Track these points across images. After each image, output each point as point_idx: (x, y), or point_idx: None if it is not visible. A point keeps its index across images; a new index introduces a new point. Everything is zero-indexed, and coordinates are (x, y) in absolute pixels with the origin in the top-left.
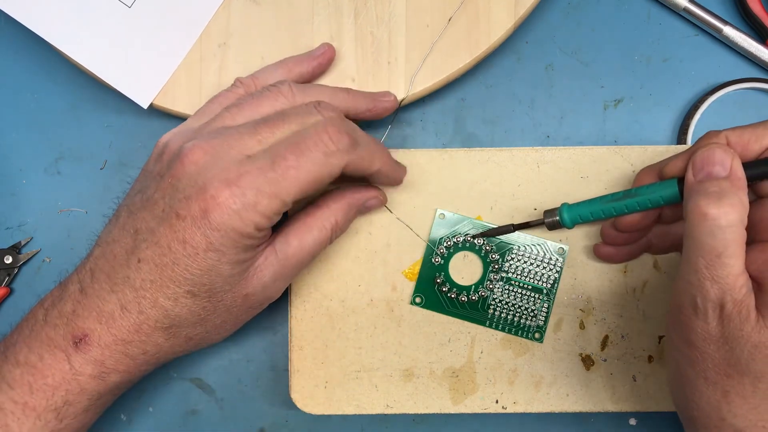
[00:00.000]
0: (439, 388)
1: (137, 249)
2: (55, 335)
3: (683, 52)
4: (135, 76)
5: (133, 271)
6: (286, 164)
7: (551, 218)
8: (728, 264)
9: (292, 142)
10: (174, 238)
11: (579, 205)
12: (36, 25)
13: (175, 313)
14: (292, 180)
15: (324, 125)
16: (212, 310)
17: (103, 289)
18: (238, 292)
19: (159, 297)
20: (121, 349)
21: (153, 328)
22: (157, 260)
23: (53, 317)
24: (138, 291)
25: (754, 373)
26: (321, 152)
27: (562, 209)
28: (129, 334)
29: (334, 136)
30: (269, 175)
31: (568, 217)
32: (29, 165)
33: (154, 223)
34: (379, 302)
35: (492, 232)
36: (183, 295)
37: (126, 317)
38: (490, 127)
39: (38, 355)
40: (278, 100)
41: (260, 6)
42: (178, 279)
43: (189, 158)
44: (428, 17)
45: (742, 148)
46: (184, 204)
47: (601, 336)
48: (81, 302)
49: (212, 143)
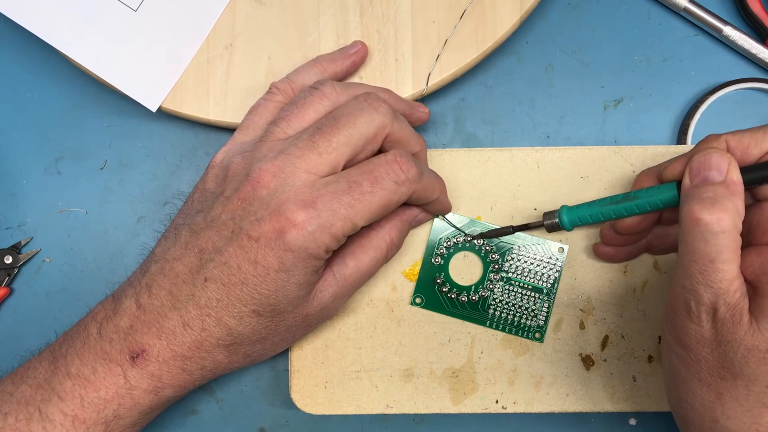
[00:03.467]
0: (439, 388)
1: (204, 268)
2: (111, 349)
3: (683, 52)
4: (142, 79)
5: (199, 290)
6: (361, 190)
7: (550, 220)
8: (721, 269)
9: (366, 170)
10: (245, 259)
11: (578, 208)
12: (43, 30)
13: (239, 331)
14: (366, 205)
15: (394, 156)
16: (273, 329)
17: (163, 306)
18: (300, 313)
19: (224, 315)
20: (180, 364)
21: (214, 345)
22: (225, 280)
23: (109, 331)
24: (203, 309)
25: (748, 376)
26: (393, 181)
27: (561, 211)
28: (189, 350)
29: (404, 166)
30: (344, 199)
31: (567, 220)
32: (29, 165)
33: (221, 243)
34: (379, 302)
35: (491, 233)
36: (248, 314)
37: (188, 334)
38: (490, 127)
39: (92, 368)
40: (323, 103)
41: (265, 6)
42: (245, 298)
43: (259, 182)
44: (434, 13)
45: (741, 152)
46: (256, 226)
47: (601, 336)
48: (139, 318)
49: (277, 164)
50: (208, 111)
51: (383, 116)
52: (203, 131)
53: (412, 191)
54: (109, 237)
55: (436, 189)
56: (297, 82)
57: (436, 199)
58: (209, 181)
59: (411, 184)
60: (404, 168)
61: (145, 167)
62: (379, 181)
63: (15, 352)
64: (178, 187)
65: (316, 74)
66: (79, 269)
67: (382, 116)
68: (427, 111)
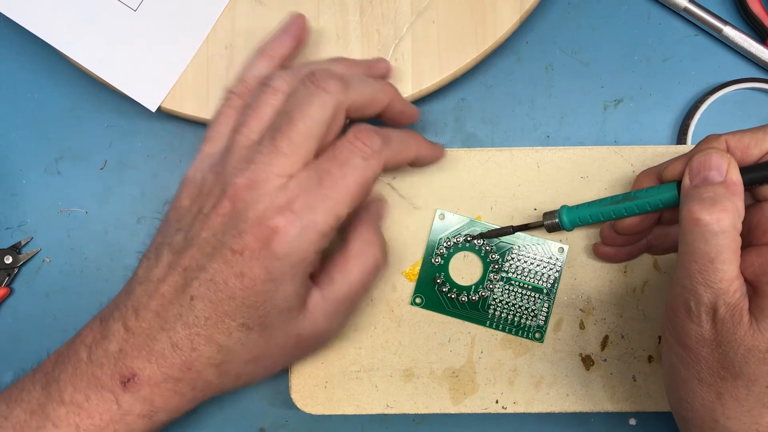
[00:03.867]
0: (439, 388)
1: (189, 287)
2: (102, 375)
3: (683, 52)
4: (142, 79)
5: (186, 309)
6: (332, 178)
7: (550, 220)
8: (721, 269)
9: (332, 156)
10: (231, 273)
11: (578, 208)
12: (43, 30)
13: (228, 347)
14: (342, 190)
15: (354, 133)
16: (265, 348)
17: (151, 328)
18: (291, 332)
19: (213, 333)
20: (171, 387)
21: (205, 365)
22: (212, 296)
23: (98, 356)
24: (191, 328)
25: (748, 376)
26: (359, 158)
27: (561, 211)
28: (180, 371)
29: (367, 140)
30: (319, 192)
31: (567, 220)
32: (29, 165)
33: (204, 261)
34: (379, 302)
35: (491, 233)
36: (237, 328)
37: (177, 355)
38: (490, 127)
39: (84, 395)
40: (277, 97)
41: (265, 6)
42: (233, 313)
43: (236, 195)
44: (434, 13)
45: (741, 152)
46: (238, 239)
47: (601, 336)
48: (128, 341)
49: (248, 176)
50: (208, 111)
51: (335, 94)
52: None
53: (384, 160)
54: (109, 237)
55: (412, 148)
56: (250, 81)
57: (416, 157)
58: (184, 198)
59: (380, 155)
60: (367, 142)
61: (145, 167)
62: (347, 163)
63: (15, 352)
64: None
65: (265, 66)
66: (79, 269)
67: (334, 95)
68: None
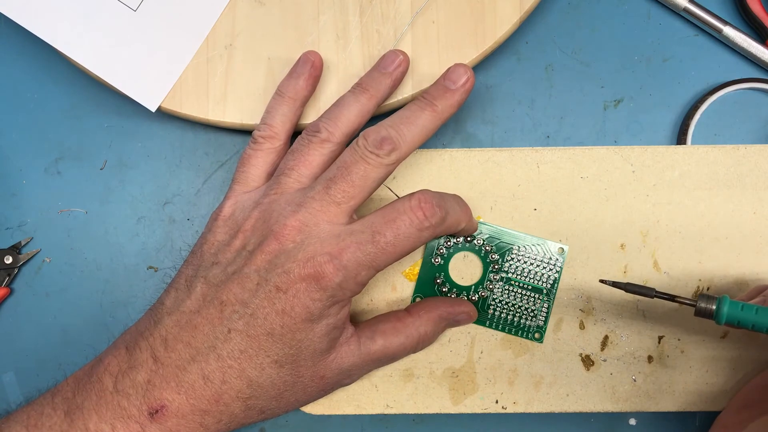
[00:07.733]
0: (439, 388)
1: (227, 320)
2: (129, 405)
3: (683, 52)
4: (142, 79)
5: (221, 341)
6: (384, 240)
7: (706, 305)
8: None
9: (390, 219)
10: (272, 310)
11: (743, 310)
12: (43, 30)
13: (259, 383)
14: (390, 254)
15: (419, 201)
16: (291, 385)
17: (182, 359)
18: (317, 372)
19: (246, 367)
20: (198, 419)
21: (233, 398)
22: (251, 331)
23: (125, 386)
24: (224, 360)
25: None
26: (416, 228)
27: (722, 303)
28: (209, 403)
29: (428, 212)
30: (368, 249)
31: (726, 316)
32: (29, 165)
33: (246, 296)
34: (378, 302)
35: (630, 289)
36: (269, 364)
37: (208, 387)
38: (490, 127)
39: (110, 425)
40: (325, 147)
41: (265, 6)
42: (269, 348)
43: (285, 236)
44: (434, 13)
45: None
46: (284, 277)
47: (601, 336)
48: (157, 372)
49: (299, 218)
50: (208, 111)
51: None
52: (203, 131)
53: (435, 235)
54: (109, 237)
55: (462, 221)
56: (276, 126)
57: (461, 231)
58: (219, 233)
59: (435, 229)
60: (428, 214)
61: (145, 167)
62: (402, 230)
63: (15, 352)
64: (178, 186)
65: (289, 109)
66: (79, 269)
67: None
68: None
